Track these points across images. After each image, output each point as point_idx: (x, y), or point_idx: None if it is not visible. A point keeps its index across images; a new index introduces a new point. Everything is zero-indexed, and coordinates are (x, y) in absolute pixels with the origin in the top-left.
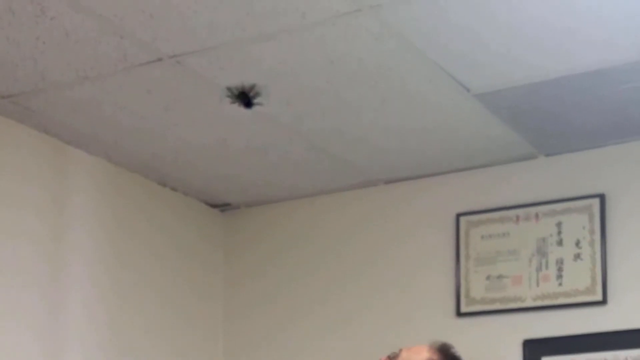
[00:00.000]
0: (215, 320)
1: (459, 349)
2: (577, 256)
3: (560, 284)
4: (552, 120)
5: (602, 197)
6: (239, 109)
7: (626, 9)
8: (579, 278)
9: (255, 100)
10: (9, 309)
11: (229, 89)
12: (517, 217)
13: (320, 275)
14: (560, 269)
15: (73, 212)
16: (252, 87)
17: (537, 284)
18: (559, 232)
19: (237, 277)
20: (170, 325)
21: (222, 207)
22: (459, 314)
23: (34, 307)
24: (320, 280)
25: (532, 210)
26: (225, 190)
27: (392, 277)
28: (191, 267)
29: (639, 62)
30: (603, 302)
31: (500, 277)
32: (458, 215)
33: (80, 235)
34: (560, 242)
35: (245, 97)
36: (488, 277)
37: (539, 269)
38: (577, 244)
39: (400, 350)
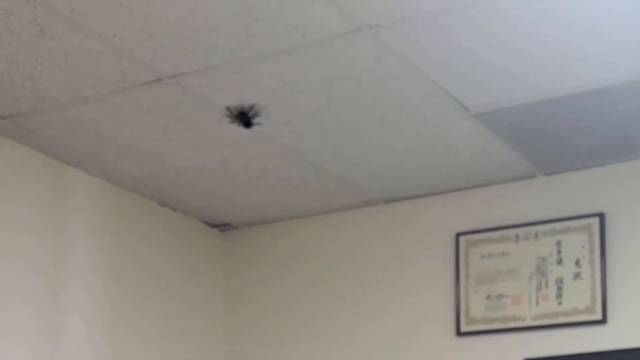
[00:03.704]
0: (215, 340)
1: None
2: (577, 275)
3: (560, 303)
4: (552, 139)
5: (601, 216)
6: (238, 129)
7: (625, 28)
8: (579, 297)
9: (255, 120)
10: (7, 330)
11: (228, 109)
12: (517, 237)
13: (320, 294)
14: (560, 288)
15: (72, 232)
16: (252, 107)
17: (537, 303)
18: (559, 252)
19: (237, 297)
20: (171, 346)
21: (222, 227)
22: (459, 333)
23: (32, 328)
24: (319, 300)
25: (532, 229)
26: (225, 210)
27: (392, 297)
28: (191, 287)
29: (638, 81)
30: (603, 321)
31: (500, 296)
32: (458, 235)
33: (79, 256)
34: (560, 262)
35: (244, 117)
36: (488, 297)
37: (538, 288)
38: (577, 263)
39: None
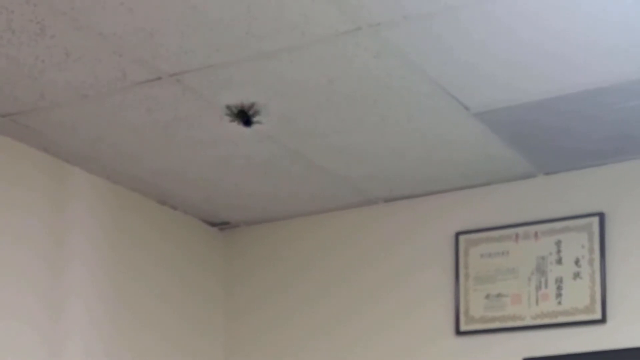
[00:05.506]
0: (216, 346)
1: None
2: (577, 275)
3: (559, 303)
4: (552, 138)
5: (601, 216)
6: (238, 128)
7: (625, 27)
8: (579, 297)
9: (255, 119)
10: (6, 340)
11: (228, 107)
12: (517, 236)
13: (319, 291)
14: (559, 288)
15: (71, 232)
16: (252, 105)
17: (537, 303)
18: (559, 251)
19: (237, 295)
20: (170, 351)
21: (221, 225)
22: (458, 332)
23: (29, 336)
24: (319, 296)
25: (532, 228)
26: (225, 209)
27: (392, 296)
28: (190, 285)
29: (638, 81)
30: (602, 320)
31: (499, 295)
32: (457, 234)
33: (78, 255)
34: (559, 261)
35: (244, 116)
36: (487, 296)
37: (538, 288)
38: (577, 262)
39: None
